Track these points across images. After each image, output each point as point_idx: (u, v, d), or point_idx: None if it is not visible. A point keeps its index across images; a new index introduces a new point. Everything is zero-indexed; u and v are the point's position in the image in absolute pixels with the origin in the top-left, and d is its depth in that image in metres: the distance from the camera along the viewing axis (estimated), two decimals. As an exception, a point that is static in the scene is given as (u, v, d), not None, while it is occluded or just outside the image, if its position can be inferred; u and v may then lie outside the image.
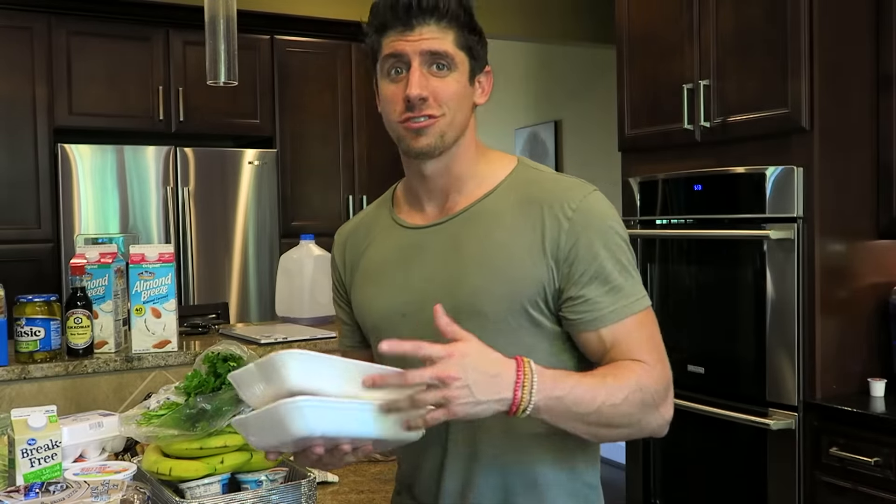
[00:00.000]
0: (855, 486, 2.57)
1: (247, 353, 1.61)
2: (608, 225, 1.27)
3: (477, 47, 1.33)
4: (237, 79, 2.34)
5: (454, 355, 1.05)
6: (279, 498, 1.52)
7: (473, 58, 1.33)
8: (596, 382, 1.18)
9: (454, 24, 1.29)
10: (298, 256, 2.64)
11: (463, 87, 1.32)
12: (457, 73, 1.31)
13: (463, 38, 1.31)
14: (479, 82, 1.37)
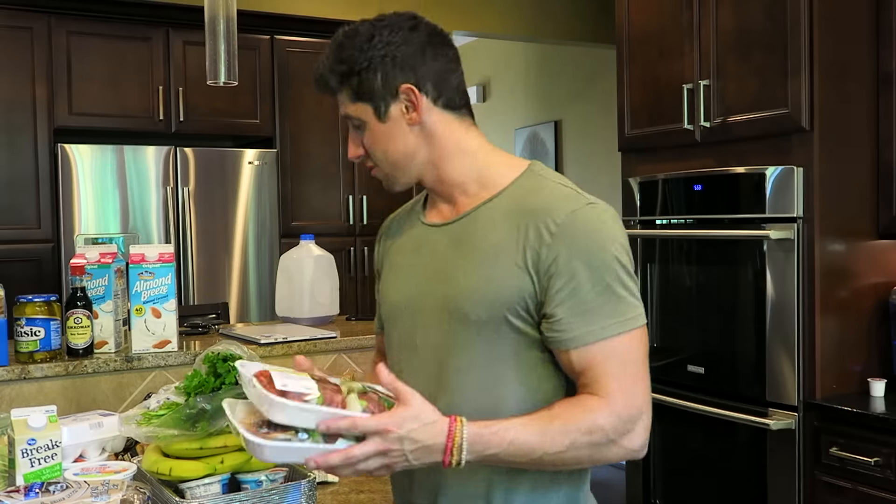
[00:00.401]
0: (855, 486, 2.57)
1: (247, 353, 1.62)
2: (595, 241, 1.23)
3: (368, 89, 1.31)
4: (237, 79, 2.34)
5: (391, 430, 1.13)
6: (279, 498, 1.52)
7: (370, 100, 1.32)
8: (538, 431, 1.19)
9: (341, 89, 1.34)
10: (298, 256, 2.64)
11: (379, 134, 1.34)
12: (367, 126, 1.34)
13: (354, 93, 1.33)
14: (400, 103, 1.32)
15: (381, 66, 1.30)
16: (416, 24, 1.33)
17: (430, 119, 1.33)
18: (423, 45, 1.32)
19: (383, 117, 1.32)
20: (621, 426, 1.21)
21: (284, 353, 2.21)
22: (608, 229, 1.25)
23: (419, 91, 1.31)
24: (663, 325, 3.23)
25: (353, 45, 1.32)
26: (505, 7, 5.31)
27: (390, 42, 1.30)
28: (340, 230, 4.57)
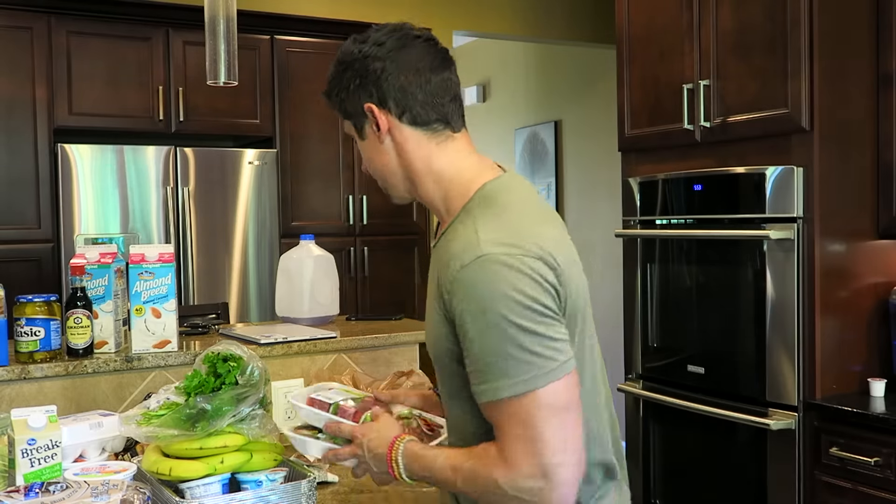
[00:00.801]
0: (855, 486, 2.57)
1: (247, 353, 1.62)
2: (480, 302, 1.18)
3: (345, 109, 1.36)
4: (237, 79, 2.33)
5: (357, 437, 1.39)
6: (279, 498, 1.52)
7: (351, 118, 1.37)
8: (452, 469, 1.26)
9: (333, 105, 1.39)
10: (298, 256, 2.64)
11: (364, 149, 1.39)
12: (356, 141, 1.40)
13: (341, 111, 1.38)
14: (370, 123, 1.34)
15: (351, 87, 1.33)
16: (382, 41, 1.33)
17: (398, 136, 1.33)
18: (383, 62, 1.31)
19: (362, 135, 1.36)
20: (524, 488, 1.19)
21: (284, 353, 2.21)
22: (493, 286, 1.17)
23: (379, 108, 1.31)
24: (663, 325, 3.23)
25: (337, 67, 1.35)
26: (505, 7, 5.31)
27: (358, 61, 1.32)
28: (340, 230, 4.57)
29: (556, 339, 1.19)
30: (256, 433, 1.57)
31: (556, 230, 1.32)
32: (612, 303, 5.08)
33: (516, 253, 1.19)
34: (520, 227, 1.24)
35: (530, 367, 1.17)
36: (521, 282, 1.18)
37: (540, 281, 1.19)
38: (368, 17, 4.77)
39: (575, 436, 1.21)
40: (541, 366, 1.17)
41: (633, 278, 3.36)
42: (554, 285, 1.21)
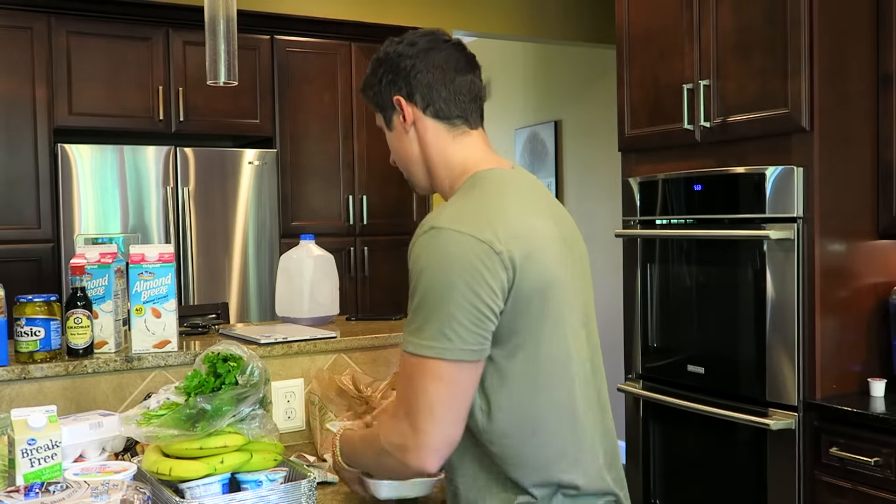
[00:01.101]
0: (855, 486, 2.57)
1: (247, 353, 1.62)
2: (418, 266, 1.33)
3: (377, 102, 1.51)
4: (237, 79, 2.33)
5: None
6: (279, 498, 1.52)
7: (381, 111, 1.51)
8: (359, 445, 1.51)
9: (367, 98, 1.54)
10: (298, 256, 2.63)
11: (391, 139, 1.53)
12: (385, 131, 1.54)
13: (374, 104, 1.52)
14: (398, 114, 1.49)
15: (384, 82, 1.47)
16: (415, 41, 1.46)
17: (421, 127, 1.47)
18: (413, 60, 1.45)
19: (390, 126, 1.51)
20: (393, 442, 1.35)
21: (284, 353, 2.21)
22: (423, 259, 1.32)
23: (407, 101, 1.46)
24: (663, 325, 3.23)
25: (373, 64, 1.50)
26: (505, 7, 5.31)
27: (392, 59, 1.46)
28: (340, 230, 4.57)
29: (464, 326, 1.28)
30: (256, 433, 1.57)
31: (541, 222, 1.39)
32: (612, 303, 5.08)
33: (465, 232, 1.30)
34: (483, 212, 1.34)
35: (433, 337, 1.29)
36: (456, 260, 1.29)
37: (477, 266, 1.28)
38: (368, 17, 4.78)
39: (448, 415, 1.31)
40: (441, 341, 1.28)
41: (633, 278, 3.36)
42: (494, 273, 1.29)
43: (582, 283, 1.47)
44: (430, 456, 1.31)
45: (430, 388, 1.30)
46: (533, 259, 1.32)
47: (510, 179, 1.44)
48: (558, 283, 1.37)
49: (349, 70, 4.59)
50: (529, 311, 1.33)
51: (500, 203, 1.37)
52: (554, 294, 1.35)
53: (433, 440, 1.31)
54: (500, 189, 1.40)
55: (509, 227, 1.32)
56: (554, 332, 1.36)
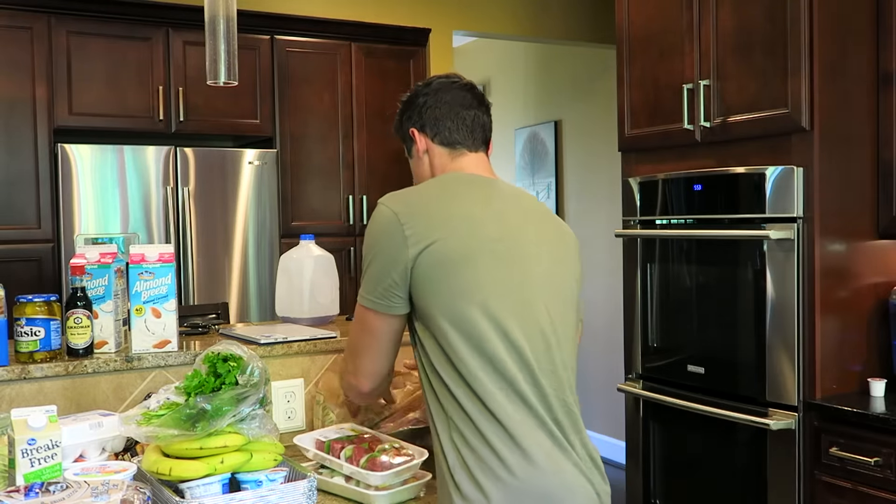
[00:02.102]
0: (855, 486, 2.57)
1: (247, 353, 1.62)
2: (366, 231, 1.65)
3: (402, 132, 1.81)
4: (237, 79, 2.33)
5: None
6: (279, 498, 1.52)
7: (403, 141, 1.82)
8: None
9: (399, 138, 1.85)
10: (298, 256, 2.63)
11: (412, 164, 1.82)
12: (410, 159, 1.83)
13: (399, 137, 1.83)
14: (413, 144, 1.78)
15: (404, 118, 1.79)
16: (431, 82, 1.77)
17: (431, 152, 1.76)
18: (426, 98, 1.75)
19: (410, 154, 1.81)
20: (345, 365, 1.75)
21: (284, 353, 2.21)
22: (370, 224, 1.63)
23: (419, 132, 1.76)
24: (663, 325, 3.23)
25: (401, 103, 1.81)
26: (505, 7, 5.30)
27: (412, 98, 1.78)
28: (340, 230, 4.57)
29: (375, 282, 1.59)
30: (256, 433, 1.57)
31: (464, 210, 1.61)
32: (612, 303, 5.08)
33: (386, 205, 1.60)
34: (407, 194, 1.65)
35: (363, 289, 1.62)
36: (375, 228, 1.60)
37: (387, 234, 1.57)
38: (368, 17, 4.78)
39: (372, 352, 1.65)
40: (363, 289, 1.62)
41: (633, 278, 3.36)
42: (398, 241, 1.55)
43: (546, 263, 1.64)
44: (362, 381, 1.69)
45: (357, 329, 1.67)
46: (449, 231, 1.55)
47: (468, 178, 1.70)
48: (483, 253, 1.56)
49: (349, 70, 4.59)
50: (430, 282, 1.54)
51: (437, 186, 1.68)
52: (474, 261, 1.54)
53: (362, 369, 1.68)
54: (444, 179, 1.71)
55: (427, 204, 1.60)
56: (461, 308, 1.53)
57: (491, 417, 1.50)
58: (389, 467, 1.70)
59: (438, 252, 1.53)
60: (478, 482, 1.48)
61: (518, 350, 1.53)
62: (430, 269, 1.53)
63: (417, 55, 4.79)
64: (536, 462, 1.49)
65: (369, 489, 1.70)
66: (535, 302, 1.58)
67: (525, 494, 1.48)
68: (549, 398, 1.55)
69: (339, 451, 1.78)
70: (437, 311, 1.53)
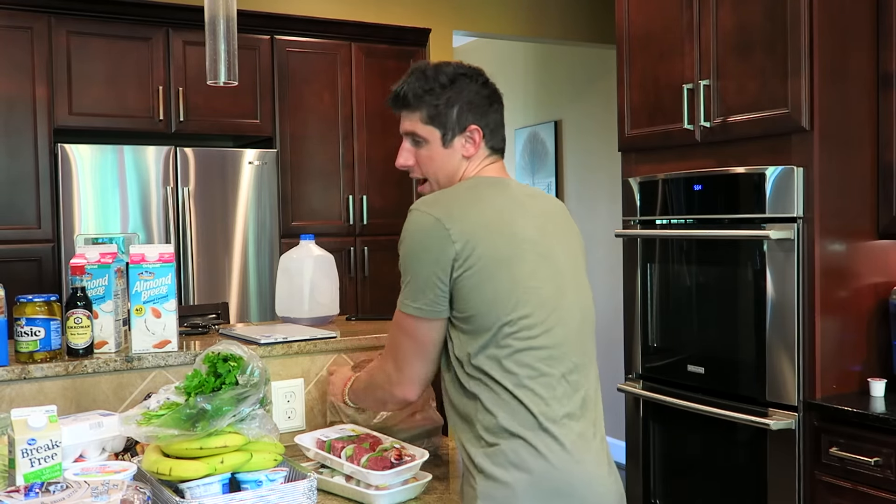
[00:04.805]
0: (855, 486, 2.57)
1: (247, 353, 1.62)
2: (401, 237, 1.61)
3: (445, 118, 1.66)
4: (237, 79, 2.33)
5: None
6: (279, 498, 1.52)
7: (443, 126, 1.67)
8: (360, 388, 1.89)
9: (419, 107, 1.67)
10: (298, 256, 2.63)
11: (437, 154, 1.69)
12: (428, 144, 1.69)
13: (429, 116, 1.67)
14: (465, 138, 1.68)
15: (459, 105, 1.66)
16: (486, 81, 1.70)
17: (476, 155, 1.69)
18: (489, 100, 1.69)
19: (447, 144, 1.68)
20: (384, 375, 1.70)
21: (284, 353, 2.21)
22: (403, 233, 1.60)
23: (480, 132, 1.67)
24: (663, 325, 3.23)
25: (438, 80, 1.66)
26: (505, 7, 5.30)
27: (469, 89, 1.66)
28: (340, 230, 4.57)
29: (420, 288, 1.56)
30: (256, 433, 1.57)
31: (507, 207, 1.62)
32: (613, 303, 5.09)
33: (426, 211, 1.57)
34: (446, 200, 1.61)
35: (405, 296, 1.60)
36: (417, 235, 1.57)
37: (430, 239, 1.55)
38: (368, 17, 4.78)
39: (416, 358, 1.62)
40: (408, 299, 1.59)
41: (633, 278, 3.36)
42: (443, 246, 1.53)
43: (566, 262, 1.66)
44: (408, 389, 1.66)
45: (401, 337, 1.64)
46: (488, 234, 1.55)
47: (494, 181, 1.68)
48: (518, 255, 1.57)
49: (349, 70, 4.59)
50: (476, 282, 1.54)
51: (474, 192, 1.63)
52: (510, 263, 1.56)
53: (408, 378, 1.65)
54: (479, 184, 1.66)
55: (467, 209, 1.58)
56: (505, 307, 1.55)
57: (523, 406, 1.54)
58: (390, 467, 1.70)
59: (483, 254, 1.54)
60: (507, 467, 1.53)
61: (558, 344, 1.59)
62: (475, 271, 1.54)
63: (417, 55, 4.79)
64: (569, 451, 1.55)
65: (370, 489, 1.70)
66: (568, 296, 1.63)
67: (552, 481, 1.54)
68: (581, 390, 1.61)
69: (340, 451, 1.78)
70: (481, 309, 1.54)
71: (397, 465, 1.71)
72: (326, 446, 1.82)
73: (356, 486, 1.73)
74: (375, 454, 1.73)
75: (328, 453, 1.80)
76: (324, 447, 1.83)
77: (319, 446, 1.84)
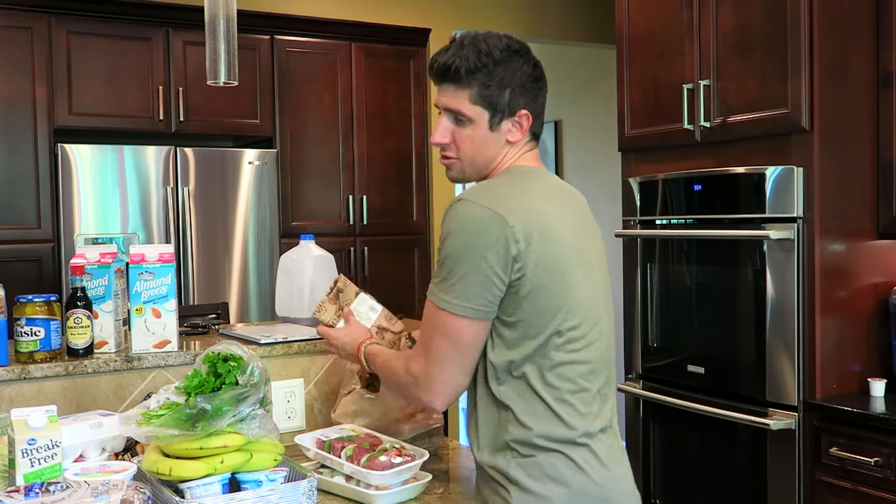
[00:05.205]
0: (855, 486, 2.57)
1: (247, 353, 1.62)
2: (445, 229, 1.48)
3: (497, 99, 1.52)
4: (237, 79, 2.33)
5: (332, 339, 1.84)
6: (279, 498, 1.52)
7: (493, 108, 1.53)
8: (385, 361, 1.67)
9: (470, 84, 1.52)
10: (298, 256, 2.63)
11: (481, 135, 1.55)
12: (473, 125, 1.55)
13: (478, 95, 1.52)
14: (513, 122, 1.55)
15: (512, 88, 1.52)
16: (536, 62, 1.57)
17: (519, 141, 1.58)
18: (539, 83, 1.56)
19: (494, 127, 1.55)
20: (408, 381, 1.56)
21: (284, 352, 2.21)
22: (449, 224, 1.48)
23: (528, 117, 1.55)
24: (663, 325, 3.23)
25: (493, 56, 1.51)
26: (505, 7, 5.31)
27: (522, 70, 1.53)
28: (340, 230, 4.57)
29: (472, 287, 1.44)
30: (256, 433, 1.57)
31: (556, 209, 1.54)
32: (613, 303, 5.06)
33: (484, 205, 1.45)
34: (504, 192, 1.50)
35: (448, 292, 1.46)
36: (473, 229, 1.44)
37: (490, 236, 1.43)
38: (368, 17, 4.78)
39: (455, 364, 1.49)
40: (454, 297, 1.46)
41: (633, 278, 3.36)
42: (505, 243, 1.43)
43: (599, 270, 1.60)
44: (437, 398, 1.52)
45: (441, 339, 1.49)
46: (544, 237, 1.46)
47: (539, 174, 1.59)
48: (569, 262, 1.50)
49: (349, 70, 4.59)
50: (531, 283, 1.45)
51: (522, 187, 1.53)
52: (564, 270, 1.48)
53: (441, 386, 1.51)
54: (524, 177, 1.55)
55: (524, 207, 1.47)
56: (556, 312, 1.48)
57: (562, 421, 1.49)
58: (390, 467, 1.70)
59: (539, 258, 1.45)
60: (544, 480, 1.47)
61: (597, 359, 1.54)
62: (533, 275, 1.45)
63: (417, 55, 4.79)
64: (606, 465, 1.51)
65: (370, 489, 1.71)
66: (602, 307, 1.58)
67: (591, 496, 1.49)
68: (609, 401, 1.58)
69: (340, 451, 1.78)
70: (531, 316, 1.46)
71: (397, 465, 1.71)
72: (326, 446, 1.82)
73: (356, 486, 1.73)
74: (375, 454, 1.73)
75: (328, 453, 1.80)
76: (324, 447, 1.83)
77: (319, 446, 1.84)
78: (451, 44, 1.54)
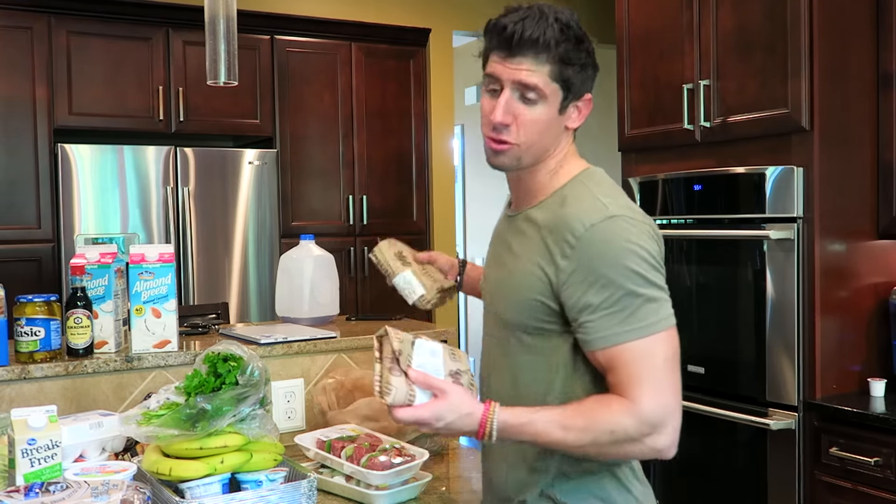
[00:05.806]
0: (855, 486, 2.57)
1: (247, 353, 1.62)
2: (609, 254, 1.31)
3: (575, 79, 1.38)
4: (237, 79, 2.33)
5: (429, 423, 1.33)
6: (279, 498, 1.52)
7: (567, 89, 1.38)
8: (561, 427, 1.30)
9: (552, 58, 1.35)
10: (298, 256, 2.63)
11: (548, 118, 1.40)
12: (545, 104, 1.38)
13: (558, 72, 1.36)
14: (576, 107, 1.43)
15: (588, 71, 1.40)
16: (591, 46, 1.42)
17: (574, 130, 1.47)
18: (597, 70, 1.43)
19: (563, 110, 1.41)
20: (645, 428, 1.29)
21: (284, 353, 2.21)
22: (621, 241, 1.31)
23: (588, 103, 1.43)
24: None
25: (575, 33, 1.36)
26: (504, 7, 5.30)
27: (591, 52, 1.40)
28: (340, 230, 4.57)
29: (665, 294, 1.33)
30: (256, 433, 1.57)
31: None
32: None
33: (638, 218, 1.37)
34: (629, 203, 1.41)
35: (650, 313, 1.30)
36: (642, 240, 1.34)
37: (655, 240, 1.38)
38: (368, 17, 4.78)
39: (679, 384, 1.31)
40: (657, 312, 1.30)
41: (633, 278, 3.35)
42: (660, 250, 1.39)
43: None
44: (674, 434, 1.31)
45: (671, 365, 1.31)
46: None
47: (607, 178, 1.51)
48: None
49: (349, 70, 4.59)
50: None
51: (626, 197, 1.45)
52: None
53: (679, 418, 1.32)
54: (614, 185, 1.47)
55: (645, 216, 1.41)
56: None
57: None
58: (390, 467, 1.70)
59: None
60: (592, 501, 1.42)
61: None
62: None
63: (417, 55, 4.79)
64: (642, 481, 1.49)
65: (370, 489, 1.71)
66: None
67: None
68: None
69: (340, 451, 1.78)
70: None
71: (397, 465, 1.71)
72: (326, 446, 1.82)
73: (356, 486, 1.73)
74: (375, 454, 1.73)
75: (328, 453, 1.80)
76: (324, 447, 1.83)
77: (319, 446, 1.85)
78: (522, 10, 1.36)
